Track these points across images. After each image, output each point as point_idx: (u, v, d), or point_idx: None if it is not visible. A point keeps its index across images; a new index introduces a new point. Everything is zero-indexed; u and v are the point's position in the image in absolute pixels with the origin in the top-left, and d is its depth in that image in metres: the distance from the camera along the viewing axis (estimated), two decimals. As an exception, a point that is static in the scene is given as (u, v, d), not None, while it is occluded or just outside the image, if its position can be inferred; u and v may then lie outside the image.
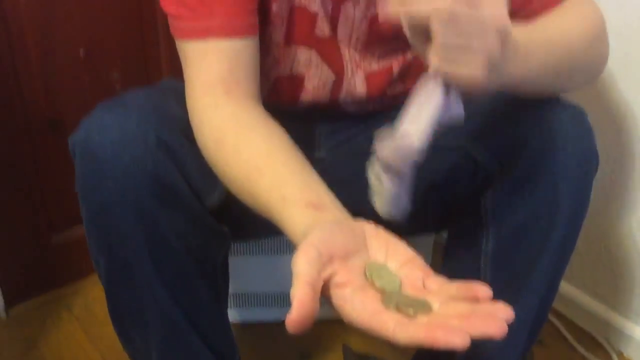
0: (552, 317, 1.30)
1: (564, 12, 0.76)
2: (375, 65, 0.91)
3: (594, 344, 1.25)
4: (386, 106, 0.97)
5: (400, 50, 0.91)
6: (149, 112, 0.71)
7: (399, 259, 0.54)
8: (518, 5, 0.79)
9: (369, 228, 0.57)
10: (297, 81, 0.90)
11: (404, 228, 0.95)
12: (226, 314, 0.89)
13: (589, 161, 0.77)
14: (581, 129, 0.77)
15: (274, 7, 0.82)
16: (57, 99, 1.19)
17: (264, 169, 0.67)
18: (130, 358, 0.86)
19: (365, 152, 0.96)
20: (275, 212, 0.64)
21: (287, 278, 1.25)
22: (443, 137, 0.87)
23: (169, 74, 1.31)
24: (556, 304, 1.32)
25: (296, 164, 0.68)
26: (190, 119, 0.74)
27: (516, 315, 0.87)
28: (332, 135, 0.99)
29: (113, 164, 0.68)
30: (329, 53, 0.88)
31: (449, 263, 0.91)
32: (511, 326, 0.89)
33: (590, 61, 0.77)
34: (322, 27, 0.86)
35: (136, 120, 0.70)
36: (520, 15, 0.80)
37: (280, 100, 0.92)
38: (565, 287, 1.31)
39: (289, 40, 0.86)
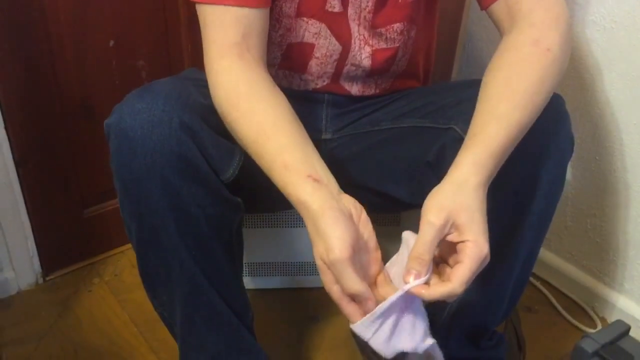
0: (541, 286, 1.34)
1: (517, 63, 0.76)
2: (383, 44, 0.94)
3: (579, 311, 1.29)
4: (386, 90, 1.02)
5: (407, 30, 0.95)
6: (173, 99, 0.76)
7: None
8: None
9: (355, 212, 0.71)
10: (306, 49, 0.94)
11: (402, 204, 1.02)
12: (241, 276, 0.93)
13: (565, 144, 0.81)
14: (559, 114, 0.80)
15: None
16: (88, 85, 1.23)
17: (270, 135, 0.74)
18: (157, 311, 0.91)
19: (365, 133, 1.03)
20: (276, 176, 0.72)
21: (295, 249, 1.35)
22: (436, 119, 0.94)
23: (189, 60, 1.33)
24: (545, 274, 1.36)
25: (298, 137, 0.75)
26: (208, 79, 0.80)
27: (500, 277, 0.95)
28: (337, 118, 1.03)
29: (142, 143, 0.73)
30: (338, 27, 0.92)
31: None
32: (496, 287, 0.97)
33: (552, 89, 0.77)
34: (333, 3, 0.89)
35: (162, 106, 0.75)
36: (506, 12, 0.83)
37: (290, 65, 0.96)
38: (554, 258, 1.34)
39: (299, 13, 0.90)
